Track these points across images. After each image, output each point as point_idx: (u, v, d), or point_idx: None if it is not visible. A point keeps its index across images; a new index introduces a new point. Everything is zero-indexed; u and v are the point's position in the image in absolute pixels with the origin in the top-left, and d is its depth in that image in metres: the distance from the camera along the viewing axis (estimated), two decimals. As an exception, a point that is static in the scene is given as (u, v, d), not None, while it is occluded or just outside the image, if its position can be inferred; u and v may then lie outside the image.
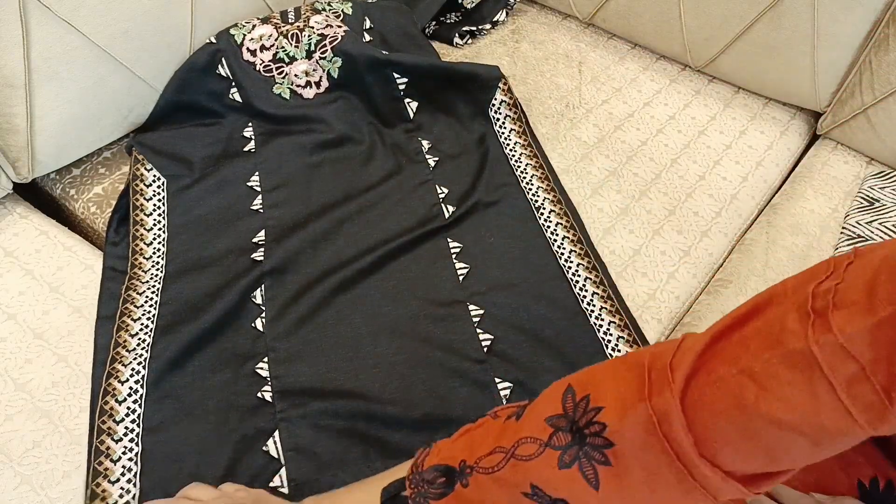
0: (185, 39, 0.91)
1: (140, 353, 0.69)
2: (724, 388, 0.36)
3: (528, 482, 0.41)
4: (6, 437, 0.64)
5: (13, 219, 0.83)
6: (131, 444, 0.63)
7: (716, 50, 1.05)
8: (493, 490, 0.43)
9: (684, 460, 0.37)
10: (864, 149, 1.00)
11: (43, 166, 0.86)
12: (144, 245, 0.79)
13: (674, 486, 0.38)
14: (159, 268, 0.77)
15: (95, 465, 0.61)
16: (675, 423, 0.37)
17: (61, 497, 0.60)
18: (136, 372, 0.68)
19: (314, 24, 0.97)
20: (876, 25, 0.91)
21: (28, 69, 0.76)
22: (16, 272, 0.77)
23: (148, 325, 0.72)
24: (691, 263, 0.84)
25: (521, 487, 0.42)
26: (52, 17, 0.76)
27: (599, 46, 1.16)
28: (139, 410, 0.65)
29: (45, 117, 0.81)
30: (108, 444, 0.62)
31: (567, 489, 0.40)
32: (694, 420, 0.37)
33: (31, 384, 0.68)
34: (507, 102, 0.96)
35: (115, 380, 0.67)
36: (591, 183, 0.92)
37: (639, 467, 0.38)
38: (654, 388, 0.38)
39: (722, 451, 0.37)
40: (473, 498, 0.44)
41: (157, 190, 0.85)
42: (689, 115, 1.04)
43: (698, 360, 0.38)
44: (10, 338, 0.71)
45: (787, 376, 0.34)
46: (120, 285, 0.75)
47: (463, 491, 0.45)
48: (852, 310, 0.33)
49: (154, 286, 0.75)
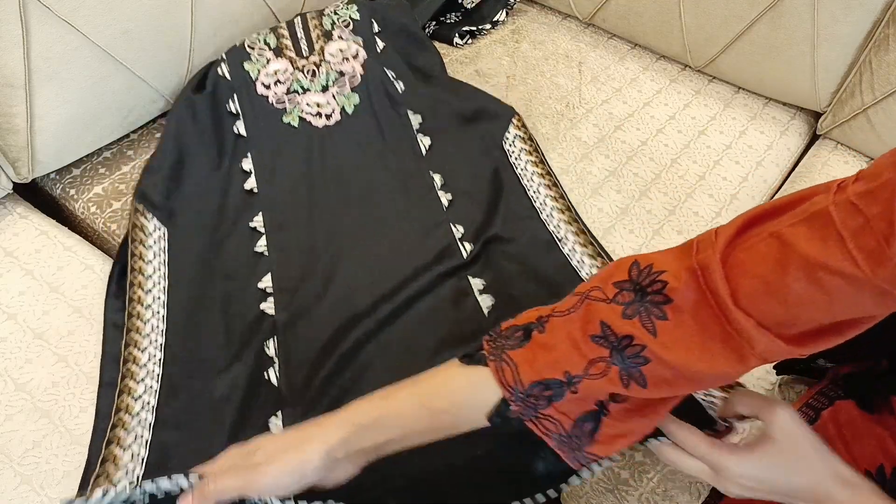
0: (185, 39, 0.91)
1: (144, 418, 0.64)
2: (756, 248, 0.43)
3: (598, 320, 0.46)
4: (6, 437, 0.64)
5: (13, 219, 0.83)
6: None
7: (716, 50, 1.05)
8: (566, 329, 0.47)
9: (722, 307, 0.42)
10: (864, 149, 1.00)
11: (43, 166, 0.86)
12: (143, 293, 0.74)
13: (717, 336, 0.43)
14: (160, 318, 0.72)
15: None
16: (714, 274, 0.43)
17: (61, 497, 0.60)
18: (140, 436, 0.63)
19: (330, 58, 0.95)
20: (876, 25, 0.91)
21: (28, 69, 0.76)
22: (16, 272, 0.77)
23: (152, 386, 0.67)
24: (691, 263, 0.84)
25: (592, 328, 0.46)
26: (52, 17, 0.76)
27: (599, 46, 1.16)
28: (141, 476, 0.61)
29: (45, 117, 0.81)
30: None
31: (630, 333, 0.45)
32: (730, 276, 0.43)
33: (31, 384, 0.68)
34: (521, 136, 0.93)
35: (116, 446, 0.62)
36: (591, 183, 0.92)
37: (692, 321, 0.44)
38: (700, 248, 0.46)
39: (755, 303, 0.42)
40: (548, 342, 0.47)
41: (158, 238, 0.80)
42: (689, 115, 1.04)
43: (738, 230, 0.45)
44: (10, 338, 0.71)
45: (806, 233, 0.40)
46: (121, 344, 0.70)
47: (539, 336, 0.48)
48: (866, 179, 0.39)
49: (156, 340, 0.70)
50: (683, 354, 0.44)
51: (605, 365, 0.45)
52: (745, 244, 0.44)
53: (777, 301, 0.41)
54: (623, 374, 0.45)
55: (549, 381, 0.47)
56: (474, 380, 0.49)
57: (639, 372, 0.45)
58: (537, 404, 0.47)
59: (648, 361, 0.44)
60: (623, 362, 0.45)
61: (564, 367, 0.46)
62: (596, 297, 0.47)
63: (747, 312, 0.42)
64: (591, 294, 0.48)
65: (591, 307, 0.47)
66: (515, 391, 0.47)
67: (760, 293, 0.42)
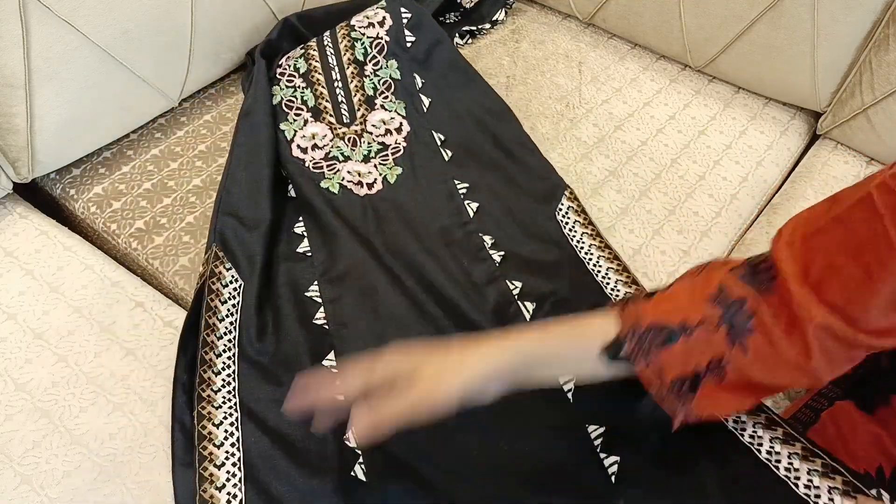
0: (185, 39, 0.91)
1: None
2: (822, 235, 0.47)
3: (717, 282, 0.51)
4: (6, 437, 0.64)
5: (13, 219, 0.83)
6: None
7: (716, 50, 1.05)
8: (689, 287, 0.53)
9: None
10: (864, 149, 1.00)
11: (43, 166, 0.86)
12: (214, 356, 0.69)
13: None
14: (232, 393, 0.67)
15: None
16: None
17: (61, 497, 0.60)
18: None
19: (372, 129, 0.91)
20: (876, 25, 0.91)
21: (28, 69, 0.76)
22: (16, 272, 0.77)
23: (235, 474, 0.62)
24: (691, 263, 0.84)
25: (710, 288, 0.51)
26: (52, 17, 0.76)
27: (599, 46, 1.16)
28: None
29: (45, 117, 0.81)
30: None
31: None
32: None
33: (31, 384, 0.68)
34: (574, 209, 0.86)
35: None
36: (591, 183, 0.92)
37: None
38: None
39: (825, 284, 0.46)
40: (671, 295, 0.53)
41: (233, 293, 0.75)
42: (689, 115, 1.04)
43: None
44: (10, 338, 0.71)
45: (850, 215, 0.46)
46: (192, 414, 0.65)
47: (662, 292, 0.55)
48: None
49: (232, 419, 0.65)
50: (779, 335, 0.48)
51: (717, 322, 0.49)
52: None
53: (838, 282, 0.45)
54: (731, 334, 0.49)
55: (666, 327, 0.51)
56: (603, 321, 0.54)
57: (745, 337, 0.48)
58: (650, 348, 0.51)
59: (753, 331, 0.48)
60: (732, 323, 0.49)
61: (682, 316, 0.51)
62: (716, 266, 0.53)
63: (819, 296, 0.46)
64: (712, 264, 0.53)
65: (712, 273, 0.52)
66: (634, 330, 0.51)
67: (827, 276, 0.46)
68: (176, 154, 0.93)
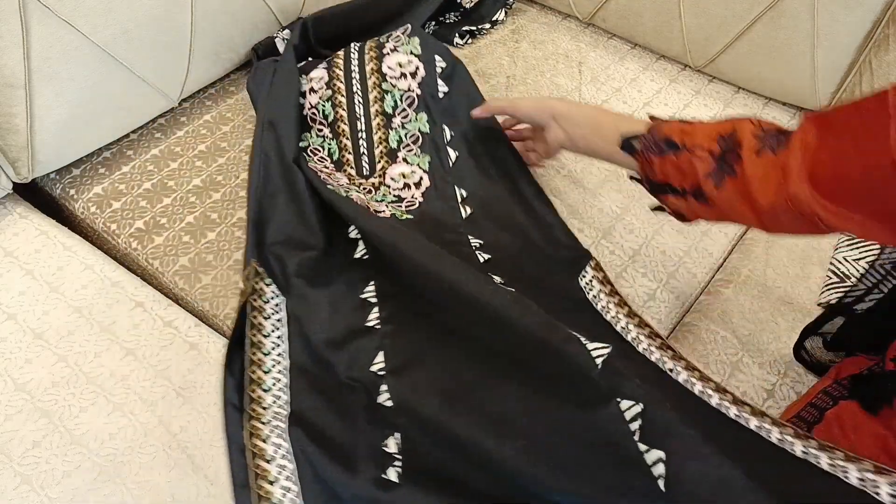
0: (185, 39, 0.91)
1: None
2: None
3: (733, 127, 0.59)
4: (6, 437, 0.64)
5: (13, 219, 0.83)
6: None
7: (716, 50, 1.05)
8: (710, 125, 0.62)
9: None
10: (864, 149, 1.00)
11: (43, 166, 0.86)
12: (262, 373, 0.68)
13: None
14: (282, 403, 0.66)
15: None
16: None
17: (61, 497, 0.60)
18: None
19: (391, 182, 0.87)
20: (876, 25, 0.91)
21: (28, 69, 0.76)
22: (16, 272, 0.77)
23: (290, 488, 0.60)
24: (691, 263, 0.84)
25: (724, 130, 0.60)
26: (52, 17, 0.76)
27: (599, 46, 1.16)
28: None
29: (45, 117, 0.81)
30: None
31: None
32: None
33: (31, 384, 0.68)
34: (598, 278, 0.79)
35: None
36: (591, 183, 0.92)
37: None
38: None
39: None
40: (691, 129, 0.62)
41: (276, 308, 0.73)
42: (689, 115, 1.04)
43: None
44: (10, 338, 0.71)
45: (861, 109, 0.48)
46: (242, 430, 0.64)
47: (688, 124, 0.64)
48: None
49: (279, 430, 0.63)
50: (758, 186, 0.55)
51: (711, 156, 0.58)
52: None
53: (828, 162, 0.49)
54: (716, 170, 0.58)
55: (673, 142, 0.62)
56: (637, 122, 0.69)
57: (724, 177, 0.57)
58: (656, 149, 0.64)
59: (735, 174, 0.56)
60: (723, 160, 0.57)
61: (689, 140, 0.61)
62: (746, 119, 0.59)
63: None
64: (745, 119, 0.59)
65: (738, 122, 0.59)
66: (650, 135, 0.65)
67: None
68: (176, 154, 0.93)
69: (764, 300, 0.81)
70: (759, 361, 0.75)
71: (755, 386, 0.73)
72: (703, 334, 0.78)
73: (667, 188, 0.65)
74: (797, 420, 0.64)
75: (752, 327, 0.78)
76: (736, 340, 0.77)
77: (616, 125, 0.70)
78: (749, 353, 0.76)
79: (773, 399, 0.72)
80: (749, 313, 0.80)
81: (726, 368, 0.75)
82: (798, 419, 0.64)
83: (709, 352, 0.76)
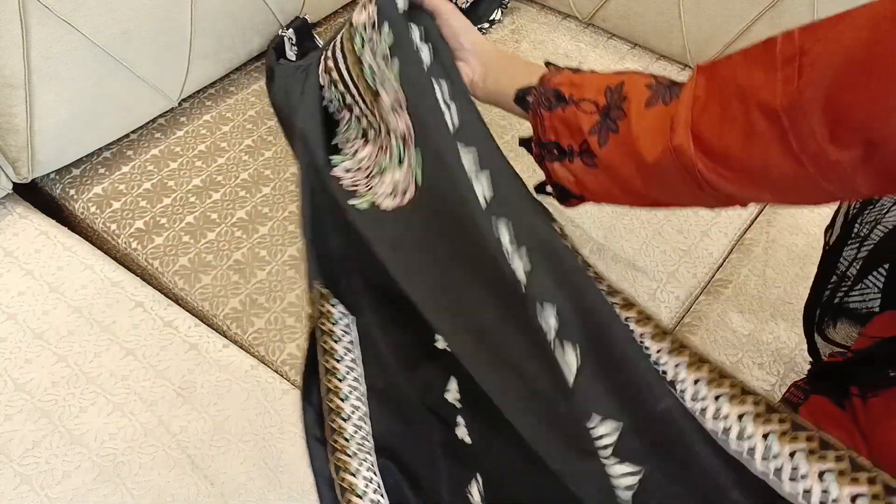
0: (185, 39, 0.91)
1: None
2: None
3: (621, 80, 0.55)
4: (6, 437, 0.64)
5: (13, 219, 0.83)
6: None
7: (716, 50, 1.05)
8: (600, 76, 0.58)
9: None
10: (864, 149, 1.00)
11: (43, 166, 0.86)
12: (340, 401, 0.64)
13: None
14: (365, 434, 0.63)
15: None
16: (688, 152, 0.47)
17: (61, 497, 0.60)
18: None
19: (389, 120, 0.74)
20: (876, 25, 0.91)
21: (28, 69, 0.76)
22: (16, 272, 0.77)
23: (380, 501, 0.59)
24: (691, 263, 0.84)
25: (614, 82, 0.55)
26: (52, 17, 0.76)
27: (599, 46, 1.16)
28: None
29: (45, 117, 0.81)
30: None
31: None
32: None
33: (31, 384, 0.68)
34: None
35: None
36: (591, 183, 0.92)
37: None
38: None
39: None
40: (582, 81, 0.58)
41: (346, 329, 0.70)
42: (689, 115, 1.04)
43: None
44: (10, 338, 0.71)
45: (748, 57, 0.44)
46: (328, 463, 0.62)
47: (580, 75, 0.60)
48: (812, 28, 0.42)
49: (367, 463, 0.61)
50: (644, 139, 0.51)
51: (595, 109, 0.54)
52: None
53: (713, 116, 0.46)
54: (599, 126, 0.54)
55: (562, 94, 0.58)
56: (533, 71, 0.62)
57: (606, 135, 0.53)
58: (546, 104, 0.59)
59: (617, 130, 0.52)
60: (607, 115, 0.53)
61: (577, 92, 0.57)
62: (641, 74, 0.56)
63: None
64: (642, 73, 0.56)
65: (631, 75, 0.55)
66: (542, 87, 0.59)
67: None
68: (176, 154, 0.93)
69: (764, 300, 0.81)
70: (759, 362, 0.75)
71: (754, 386, 0.73)
72: (703, 334, 0.78)
73: (553, 149, 0.59)
74: None
75: (752, 327, 0.78)
76: (735, 340, 0.77)
77: (516, 75, 0.63)
78: (749, 353, 0.76)
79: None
80: (749, 313, 0.80)
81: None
82: None
83: (708, 352, 0.76)
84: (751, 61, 0.43)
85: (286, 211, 0.87)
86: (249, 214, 0.86)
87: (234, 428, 0.66)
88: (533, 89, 0.60)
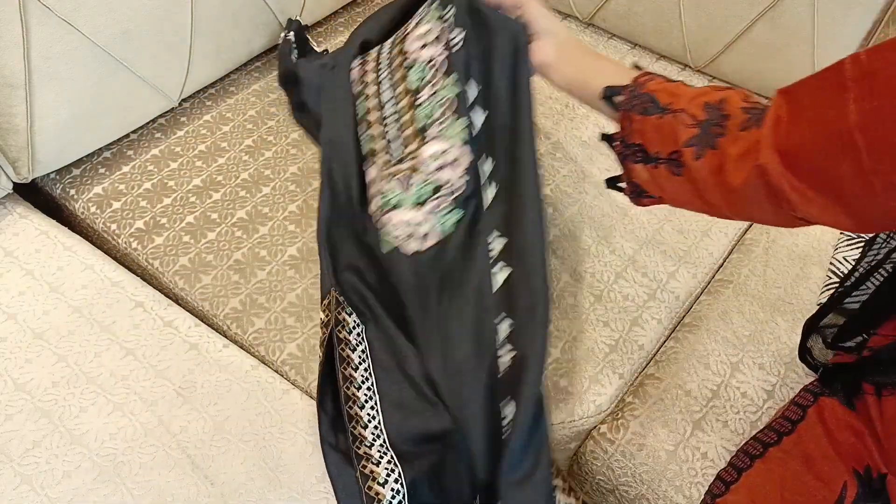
0: (185, 39, 0.91)
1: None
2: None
3: (721, 97, 0.55)
4: (6, 437, 0.64)
5: (13, 219, 0.83)
6: None
7: (716, 50, 1.05)
8: (697, 90, 0.58)
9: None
10: (865, 149, 1.00)
11: (43, 166, 0.86)
12: (358, 409, 0.67)
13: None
14: (383, 442, 0.65)
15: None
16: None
17: (61, 497, 0.60)
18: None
19: (422, 167, 0.73)
20: (876, 25, 0.91)
21: (28, 69, 0.76)
22: (16, 272, 0.77)
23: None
24: (691, 263, 0.84)
25: (712, 98, 0.56)
26: (52, 17, 0.76)
27: (599, 46, 1.16)
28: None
29: (45, 117, 0.81)
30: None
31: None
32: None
33: (31, 384, 0.68)
34: None
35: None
36: (591, 183, 0.92)
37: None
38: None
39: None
40: (678, 90, 0.58)
41: (359, 338, 0.72)
42: (689, 115, 1.04)
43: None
44: (10, 338, 0.71)
45: (820, 80, 0.48)
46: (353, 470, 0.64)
47: (680, 86, 0.60)
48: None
49: (395, 474, 0.63)
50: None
51: (695, 122, 0.55)
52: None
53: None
54: (698, 137, 0.54)
55: (658, 101, 0.58)
56: (623, 73, 0.63)
57: (705, 147, 0.53)
58: (640, 107, 0.59)
59: (716, 147, 0.53)
60: (706, 130, 0.54)
61: (674, 102, 0.57)
62: (736, 92, 0.56)
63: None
64: (735, 90, 0.57)
65: (728, 92, 0.56)
66: (634, 89, 0.60)
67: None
68: (176, 154, 0.93)
69: (764, 300, 0.81)
70: (759, 362, 0.75)
71: (755, 386, 0.73)
72: (703, 334, 0.78)
73: (638, 152, 0.60)
74: (783, 420, 0.64)
75: (752, 327, 0.78)
76: (736, 340, 0.77)
77: (604, 71, 0.64)
78: (749, 353, 0.76)
79: (773, 399, 0.72)
80: (749, 313, 0.80)
81: (726, 368, 0.75)
82: (784, 419, 0.64)
83: (709, 352, 0.76)
84: (822, 83, 0.46)
85: (286, 211, 0.87)
86: (249, 214, 0.86)
87: (235, 428, 0.66)
88: (625, 90, 0.60)
